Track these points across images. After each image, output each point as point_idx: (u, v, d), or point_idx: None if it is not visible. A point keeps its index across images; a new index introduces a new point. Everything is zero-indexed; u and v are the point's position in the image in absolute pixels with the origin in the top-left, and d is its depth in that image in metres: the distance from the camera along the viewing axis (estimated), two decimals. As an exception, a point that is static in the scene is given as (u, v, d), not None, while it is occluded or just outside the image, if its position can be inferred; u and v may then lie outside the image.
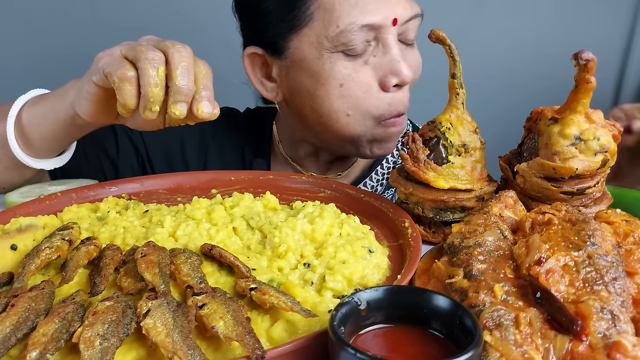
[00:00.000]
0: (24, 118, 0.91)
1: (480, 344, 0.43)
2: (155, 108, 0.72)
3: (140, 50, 0.71)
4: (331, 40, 0.98)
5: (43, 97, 0.92)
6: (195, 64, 0.74)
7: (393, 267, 0.70)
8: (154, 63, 0.71)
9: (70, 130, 0.91)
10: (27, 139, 0.92)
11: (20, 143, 0.92)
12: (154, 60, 0.71)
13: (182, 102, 0.72)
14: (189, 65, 0.73)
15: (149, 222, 0.77)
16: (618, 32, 1.99)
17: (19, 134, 0.92)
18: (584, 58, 0.67)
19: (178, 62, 0.72)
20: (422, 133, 0.83)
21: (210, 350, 0.50)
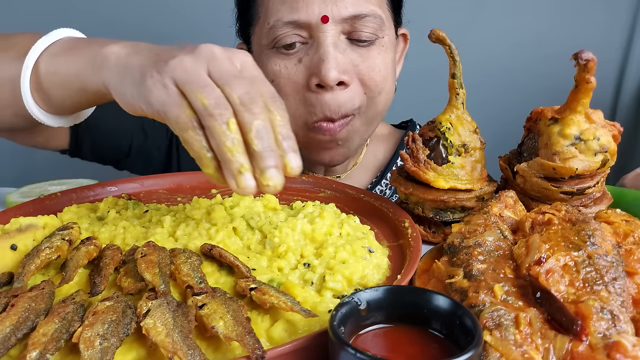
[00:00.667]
0: (42, 69, 0.75)
1: (480, 344, 0.43)
2: (244, 167, 0.55)
3: (200, 98, 0.56)
4: (265, 36, 1.02)
5: (70, 49, 0.74)
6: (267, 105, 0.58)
7: (393, 267, 0.70)
8: (221, 117, 0.55)
9: (98, 101, 0.77)
10: (43, 94, 0.77)
11: (37, 98, 0.78)
12: (221, 114, 0.55)
13: (270, 168, 0.55)
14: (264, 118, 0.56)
15: (149, 222, 0.77)
16: (618, 32, 1.99)
17: (36, 87, 0.76)
18: (584, 58, 0.67)
19: (250, 120, 0.56)
20: (422, 133, 0.83)
21: (210, 350, 0.50)
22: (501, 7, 2.00)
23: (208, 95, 0.56)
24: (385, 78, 1.05)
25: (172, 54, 0.60)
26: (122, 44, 0.68)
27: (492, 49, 2.00)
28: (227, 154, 0.55)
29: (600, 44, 1.97)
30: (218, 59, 0.59)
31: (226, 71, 0.59)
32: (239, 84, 0.57)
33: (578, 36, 1.98)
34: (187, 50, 0.61)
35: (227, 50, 0.62)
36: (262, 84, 0.60)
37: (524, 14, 1.99)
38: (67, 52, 0.74)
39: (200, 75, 0.58)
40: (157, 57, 0.61)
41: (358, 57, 1.01)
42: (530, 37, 2.00)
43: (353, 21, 0.98)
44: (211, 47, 0.61)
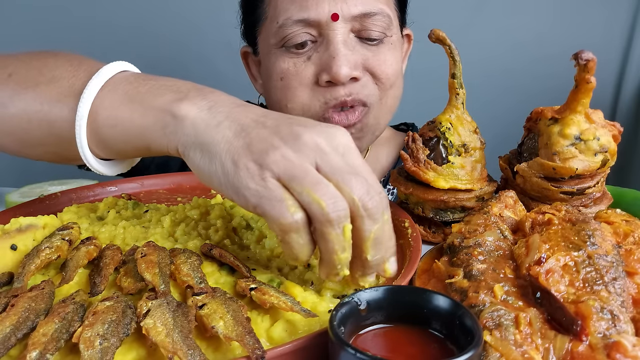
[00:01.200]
0: (100, 119, 0.64)
1: (480, 344, 0.43)
2: (344, 272, 0.54)
3: (315, 199, 0.50)
4: (274, 36, 1.02)
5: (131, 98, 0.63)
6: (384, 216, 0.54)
7: (393, 267, 0.70)
8: (339, 222, 0.51)
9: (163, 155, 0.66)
10: (98, 144, 0.66)
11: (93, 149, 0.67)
12: (339, 219, 0.50)
13: (373, 275, 0.56)
14: (380, 230, 0.53)
15: (149, 222, 0.77)
16: (618, 32, 1.98)
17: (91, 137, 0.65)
18: (584, 58, 0.67)
19: (369, 230, 0.52)
20: (422, 133, 0.83)
21: (210, 350, 0.50)
22: (501, 7, 1.99)
23: (324, 195, 0.50)
24: (397, 74, 1.06)
25: (268, 143, 0.52)
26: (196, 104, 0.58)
27: (492, 49, 2.00)
28: (335, 261, 0.53)
29: (600, 44, 1.97)
30: (327, 152, 0.53)
31: (338, 167, 0.52)
32: (357, 182, 0.52)
33: (578, 36, 1.98)
34: (284, 138, 0.53)
35: (329, 136, 0.54)
36: (371, 176, 0.54)
37: (523, 14, 1.99)
38: (128, 102, 0.63)
39: (310, 170, 0.51)
40: (248, 139, 0.53)
41: (369, 53, 1.02)
42: (530, 37, 2.00)
43: (362, 19, 0.99)
44: (315, 138, 0.53)
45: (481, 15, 1.99)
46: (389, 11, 1.03)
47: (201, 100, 0.59)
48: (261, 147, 0.52)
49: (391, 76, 1.05)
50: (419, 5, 1.18)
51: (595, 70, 0.68)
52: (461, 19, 1.96)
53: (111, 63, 0.66)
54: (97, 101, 0.63)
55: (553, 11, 1.99)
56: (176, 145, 0.59)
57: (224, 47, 1.91)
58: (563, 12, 1.98)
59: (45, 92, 0.67)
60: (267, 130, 0.54)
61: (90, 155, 0.67)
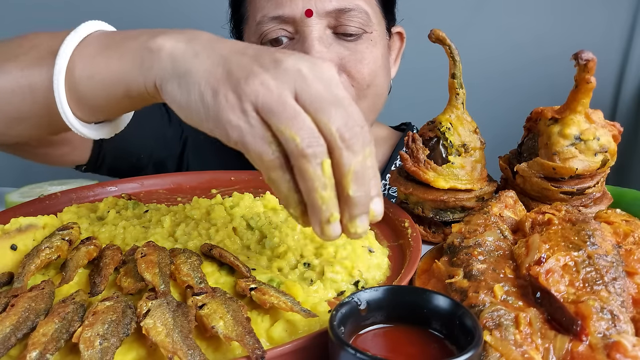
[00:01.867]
0: (76, 73, 0.62)
1: (480, 344, 0.43)
2: (334, 217, 0.51)
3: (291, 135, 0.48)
4: (254, 34, 1.03)
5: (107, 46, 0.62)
6: None
7: (393, 267, 0.70)
8: (315, 157, 0.48)
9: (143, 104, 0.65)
10: (78, 102, 0.64)
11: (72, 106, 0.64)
12: (315, 154, 0.48)
13: (361, 215, 0.51)
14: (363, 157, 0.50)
15: (149, 222, 0.77)
16: (618, 32, 1.98)
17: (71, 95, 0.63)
18: (584, 58, 0.67)
19: (349, 162, 0.49)
20: (422, 133, 0.83)
21: (210, 350, 0.50)
22: (501, 7, 1.99)
23: (300, 130, 0.48)
24: (374, 72, 1.04)
25: (248, 69, 0.50)
26: (173, 36, 0.56)
27: (492, 49, 2.00)
28: (318, 201, 0.50)
29: (600, 44, 1.97)
30: (307, 79, 0.50)
31: (318, 95, 0.50)
32: (337, 113, 0.49)
33: (578, 36, 1.98)
34: (264, 65, 0.51)
35: (313, 65, 0.52)
36: (353, 108, 0.51)
37: (523, 14, 1.99)
38: (104, 50, 0.61)
39: (287, 103, 0.49)
40: (227, 67, 0.51)
41: (345, 50, 1.01)
42: (530, 37, 2.00)
43: (338, 15, 0.98)
44: (297, 63, 0.51)
45: (481, 15, 1.99)
46: (367, 7, 1.01)
47: (178, 34, 0.57)
48: (240, 75, 0.50)
49: (367, 75, 1.03)
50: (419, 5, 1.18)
51: (595, 70, 0.68)
52: (461, 19, 1.96)
53: (88, 22, 0.65)
54: (74, 56, 0.62)
55: (553, 11, 1.99)
56: (153, 79, 0.56)
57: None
58: (563, 12, 1.98)
59: (25, 60, 0.65)
60: (248, 57, 0.52)
61: (71, 115, 0.64)
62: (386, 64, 1.10)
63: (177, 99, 0.54)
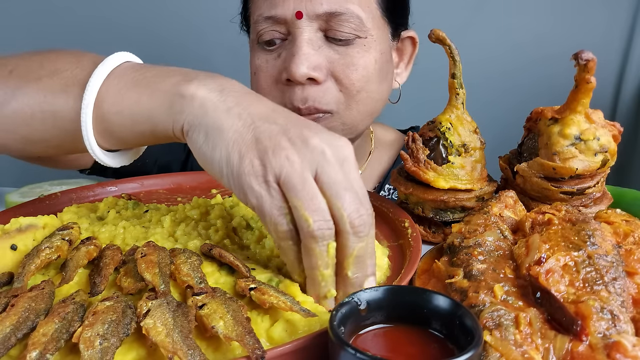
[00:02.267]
0: (105, 106, 0.62)
1: (480, 344, 0.43)
2: (331, 293, 0.56)
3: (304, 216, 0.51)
4: (253, 31, 1.05)
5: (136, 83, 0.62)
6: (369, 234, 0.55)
7: (393, 267, 0.70)
8: (322, 239, 0.53)
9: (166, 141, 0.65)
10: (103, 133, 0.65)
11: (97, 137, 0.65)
12: (324, 236, 0.52)
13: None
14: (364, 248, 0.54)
15: (149, 222, 0.77)
16: (618, 32, 1.98)
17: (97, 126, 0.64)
18: (584, 58, 0.67)
19: (352, 247, 0.53)
20: (422, 133, 0.83)
21: (210, 350, 0.50)
22: (501, 7, 1.99)
23: (314, 213, 0.51)
24: (366, 78, 1.01)
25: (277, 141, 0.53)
26: (206, 85, 0.58)
27: (492, 49, 2.00)
28: (318, 278, 0.55)
29: (600, 44, 1.97)
30: (329, 162, 0.53)
31: (337, 180, 0.53)
32: (350, 199, 0.53)
33: (578, 36, 1.98)
34: (292, 140, 0.53)
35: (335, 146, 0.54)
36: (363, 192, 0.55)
37: (523, 14, 1.99)
38: (133, 86, 0.62)
39: (307, 182, 0.52)
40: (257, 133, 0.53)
41: (335, 54, 0.99)
42: (530, 37, 2.00)
43: (329, 19, 0.97)
44: (323, 145, 0.53)
45: (481, 15, 1.99)
46: (360, 12, 0.99)
47: (211, 82, 0.58)
48: (269, 145, 0.53)
49: (356, 81, 1.00)
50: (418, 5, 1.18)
51: (595, 70, 0.68)
52: (461, 19, 1.96)
53: (116, 53, 0.65)
54: (102, 89, 0.62)
55: (553, 11, 1.99)
56: (181, 124, 0.57)
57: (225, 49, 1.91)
58: (563, 12, 1.98)
59: (48, 83, 0.65)
60: (277, 127, 0.54)
61: (96, 145, 0.65)
62: (384, 69, 1.06)
63: (202, 150, 0.56)
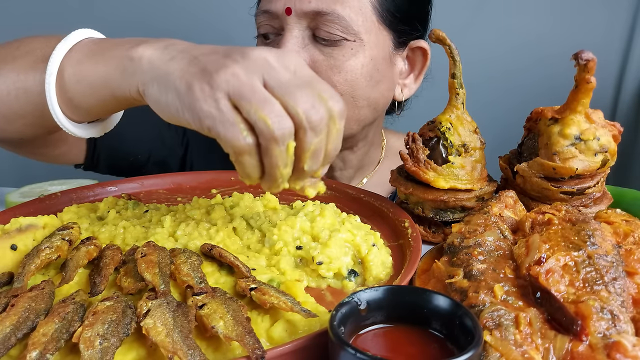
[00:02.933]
0: (66, 77, 0.67)
1: (480, 344, 0.43)
2: (283, 186, 0.59)
3: (261, 117, 0.52)
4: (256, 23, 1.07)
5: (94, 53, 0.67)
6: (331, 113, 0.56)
7: (393, 266, 0.70)
8: (283, 140, 0.54)
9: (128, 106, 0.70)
10: (68, 103, 0.69)
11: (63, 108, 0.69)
12: (284, 137, 0.54)
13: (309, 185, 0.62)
14: (322, 142, 0.56)
15: (149, 222, 0.77)
16: (618, 32, 1.98)
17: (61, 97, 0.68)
18: (584, 58, 0.67)
19: (310, 142, 0.55)
20: (422, 133, 0.83)
21: (210, 350, 0.50)
22: (501, 7, 1.99)
23: (270, 113, 0.52)
24: (349, 82, 0.99)
25: (219, 63, 0.55)
26: (152, 45, 0.62)
27: (492, 49, 2.00)
28: (276, 175, 0.56)
29: (600, 44, 1.97)
30: (273, 67, 0.55)
31: (285, 80, 0.55)
32: (303, 95, 0.54)
33: (578, 36, 1.98)
34: (234, 58, 0.55)
35: (279, 54, 0.57)
36: (321, 85, 0.57)
37: (524, 14, 1.99)
38: (91, 56, 0.67)
39: (256, 89, 0.53)
40: (200, 64, 0.56)
41: (320, 54, 0.99)
42: (530, 37, 2.00)
43: (316, 18, 0.97)
44: (262, 54, 0.56)
45: (481, 15, 1.99)
46: (347, 14, 0.96)
47: (157, 42, 0.62)
48: (212, 69, 0.54)
49: (338, 84, 0.99)
50: None
51: (595, 70, 0.68)
52: (461, 19, 1.96)
53: (78, 30, 0.70)
54: (64, 61, 0.67)
55: (553, 11, 1.99)
56: (136, 85, 0.61)
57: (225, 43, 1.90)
58: (563, 12, 1.98)
59: (21, 63, 0.71)
60: (219, 54, 0.57)
61: (62, 115, 0.69)
62: (375, 76, 1.03)
63: (157, 99, 0.58)
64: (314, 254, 0.66)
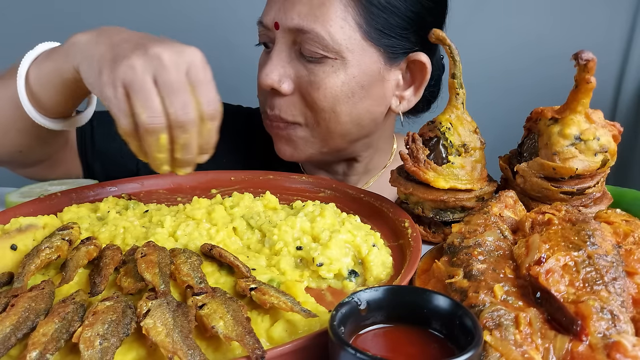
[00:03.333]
0: (31, 77, 0.82)
1: (480, 344, 0.43)
2: (164, 169, 0.69)
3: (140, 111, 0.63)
4: None
5: (51, 53, 0.82)
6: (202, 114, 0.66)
7: (393, 266, 0.70)
8: (154, 132, 0.64)
9: (79, 92, 0.82)
10: (37, 100, 0.83)
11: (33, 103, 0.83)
12: (155, 130, 0.64)
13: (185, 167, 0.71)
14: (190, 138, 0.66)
15: (149, 222, 0.77)
16: (618, 32, 1.98)
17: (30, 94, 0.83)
18: (584, 58, 0.67)
19: (178, 137, 0.66)
20: (422, 133, 0.83)
21: (210, 350, 0.50)
22: (501, 7, 1.99)
23: (148, 109, 0.63)
24: (330, 99, 0.99)
25: (125, 55, 0.64)
26: (89, 32, 0.74)
27: (492, 49, 2.00)
28: (155, 160, 0.68)
29: (600, 44, 1.97)
30: (165, 67, 0.64)
31: (170, 81, 0.64)
32: (178, 98, 0.64)
33: (578, 36, 1.98)
34: (137, 53, 0.64)
35: (176, 52, 0.65)
36: (204, 90, 0.66)
37: (524, 14, 1.99)
38: (47, 56, 0.81)
39: (144, 84, 0.63)
40: (114, 52, 0.66)
41: (303, 70, 1.00)
42: (530, 37, 2.00)
43: (298, 34, 0.98)
44: (160, 51, 0.64)
45: (481, 15, 1.99)
46: (326, 33, 0.95)
47: (95, 29, 0.74)
48: (119, 58, 0.65)
49: (318, 101, 0.99)
50: None
51: (595, 70, 0.68)
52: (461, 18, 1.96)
53: (41, 44, 0.84)
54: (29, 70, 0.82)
55: (553, 11, 1.99)
56: (73, 65, 0.74)
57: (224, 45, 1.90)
58: (563, 12, 1.98)
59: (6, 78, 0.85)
60: (131, 44, 0.66)
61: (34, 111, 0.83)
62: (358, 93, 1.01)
63: (85, 77, 0.71)
64: (314, 255, 0.66)
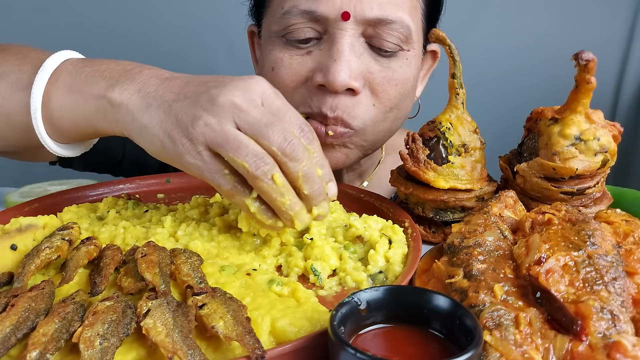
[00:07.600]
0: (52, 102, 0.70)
1: (480, 344, 0.43)
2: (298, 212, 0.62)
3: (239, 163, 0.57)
4: (277, 22, 0.91)
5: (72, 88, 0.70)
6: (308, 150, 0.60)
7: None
8: (265, 175, 0.58)
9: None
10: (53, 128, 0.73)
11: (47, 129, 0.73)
12: (264, 173, 0.58)
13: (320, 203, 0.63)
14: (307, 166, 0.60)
15: (149, 222, 0.77)
16: (618, 32, 1.99)
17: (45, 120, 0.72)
18: (584, 58, 0.67)
19: (296, 169, 0.59)
20: (422, 133, 0.83)
21: (210, 350, 0.50)
22: (501, 7, 2.00)
23: (246, 157, 0.57)
24: (402, 95, 0.94)
25: (191, 114, 0.59)
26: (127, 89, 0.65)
27: (492, 49, 2.00)
28: (281, 207, 0.60)
29: (600, 45, 1.97)
30: (242, 109, 0.59)
31: (255, 121, 0.58)
32: (274, 132, 0.58)
33: (578, 36, 1.98)
34: (203, 106, 0.59)
35: (243, 90, 0.60)
36: (290, 116, 0.61)
37: (524, 14, 1.99)
38: (68, 92, 0.70)
39: (230, 135, 0.58)
40: (174, 114, 0.61)
41: (375, 64, 0.90)
42: (531, 37, 2.00)
43: (377, 26, 0.87)
44: (230, 97, 0.59)
45: (481, 15, 1.99)
46: (410, 22, 0.89)
47: (130, 83, 0.66)
48: (187, 120, 0.59)
49: (393, 98, 0.92)
50: None
51: (595, 71, 0.68)
52: (461, 19, 1.96)
53: (55, 54, 0.73)
54: (45, 96, 0.71)
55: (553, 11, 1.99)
56: (121, 131, 0.67)
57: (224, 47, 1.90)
58: (563, 12, 1.98)
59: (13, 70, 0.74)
60: (189, 101, 0.61)
61: (51, 142, 0.74)
62: (415, 85, 0.99)
63: (146, 146, 0.65)
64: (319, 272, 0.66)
